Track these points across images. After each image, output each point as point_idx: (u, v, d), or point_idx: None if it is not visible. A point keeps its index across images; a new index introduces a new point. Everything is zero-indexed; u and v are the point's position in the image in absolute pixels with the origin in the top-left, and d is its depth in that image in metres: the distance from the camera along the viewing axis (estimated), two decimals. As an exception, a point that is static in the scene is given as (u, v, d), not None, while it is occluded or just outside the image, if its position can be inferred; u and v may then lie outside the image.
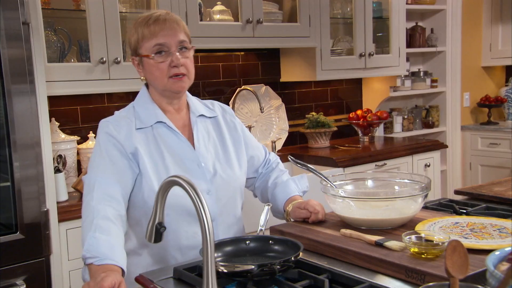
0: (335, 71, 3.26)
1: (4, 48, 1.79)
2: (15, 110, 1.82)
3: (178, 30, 1.44)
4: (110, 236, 1.26)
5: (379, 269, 1.22)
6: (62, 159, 2.26)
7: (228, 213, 1.53)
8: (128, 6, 2.61)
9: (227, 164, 1.54)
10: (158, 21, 1.43)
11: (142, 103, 1.51)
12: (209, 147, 1.53)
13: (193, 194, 0.96)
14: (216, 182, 1.49)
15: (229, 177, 1.52)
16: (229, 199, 1.53)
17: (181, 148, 1.48)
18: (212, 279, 0.93)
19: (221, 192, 1.50)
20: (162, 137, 1.47)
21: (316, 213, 1.53)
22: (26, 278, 1.86)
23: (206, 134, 1.54)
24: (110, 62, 2.38)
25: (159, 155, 1.45)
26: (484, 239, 1.27)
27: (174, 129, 1.48)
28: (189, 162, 1.47)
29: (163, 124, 1.48)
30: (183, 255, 1.46)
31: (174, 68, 1.43)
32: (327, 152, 3.16)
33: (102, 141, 1.45)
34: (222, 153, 1.55)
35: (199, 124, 1.54)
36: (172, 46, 1.43)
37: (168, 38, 1.42)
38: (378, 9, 3.55)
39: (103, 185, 1.36)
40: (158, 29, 1.42)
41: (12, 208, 1.85)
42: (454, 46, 4.15)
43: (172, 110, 1.52)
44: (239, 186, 1.57)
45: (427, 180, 1.52)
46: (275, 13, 3.02)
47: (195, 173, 1.46)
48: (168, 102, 1.51)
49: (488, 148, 4.21)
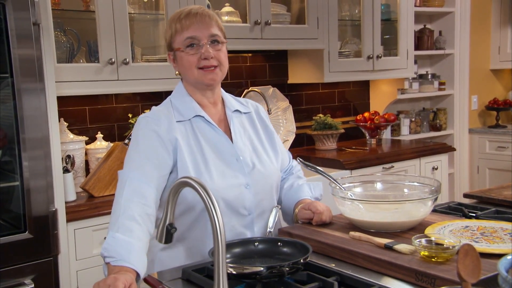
0: (343, 73, 3.25)
1: (15, 48, 1.80)
2: (25, 109, 1.83)
3: (210, 24, 1.46)
4: (131, 238, 1.24)
5: (388, 272, 1.22)
6: (71, 159, 2.27)
7: (265, 206, 1.53)
8: (137, 7, 2.62)
9: (264, 158, 1.55)
10: (189, 15, 1.45)
11: (179, 96, 1.52)
12: (245, 141, 1.54)
13: (205, 195, 0.96)
14: (254, 176, 1.49)
15: (266, 170, 1.53)
16: (266, 192, 1.53)
17: (220, 142, 1.48)
18: (224, 282, 0.92)
19: (259, 185, 1.50)
20: (201, 130, 1.48)
21: (319, 213, 1.52)
22: (34, 278, 1.87)
23: (242, 129, 1.55)
24: (118, 63, 2.38)
25: (198, 148, 1.45)
26: (495, 243, 1.26)
27: (212, 123, 1.49)
28: (228, 156, 1.47)
29: (201, 118, 1.49)
30: None
31: (205, 60, 1.44)
32: (334, 154, 3.15)
33: (141, 136, 1.42)
34: (259, 147, 1.56)
35: (235, 119, 1.55)
36: (203, 39, 1.44)
37: (198, 31, 1.44)
38: (387, 11, 3.54)
39: (135, 182, 1.34)
40: (189, 23, 1.44)
41: (21, 207, 1.86)
42: (463, 48, 4.13)
43: (208, 104, 1.52)
44: (275, 180, 1.57)
45: (437, 183, 1.51)
46: (283, 15, 3.02)
47: (234, 166, 1.47)
48: (202, 94, 1.51)
49: (496, 151, 4.19)
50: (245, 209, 1.47)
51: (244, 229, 1.48)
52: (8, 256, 1.82)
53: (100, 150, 2.47)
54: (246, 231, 1.48)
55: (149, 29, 2.78)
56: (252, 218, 1.49)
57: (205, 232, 1.44)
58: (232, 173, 1.45)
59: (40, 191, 1.87)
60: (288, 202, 1.64)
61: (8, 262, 1.82)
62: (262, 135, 1.60)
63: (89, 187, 2.25)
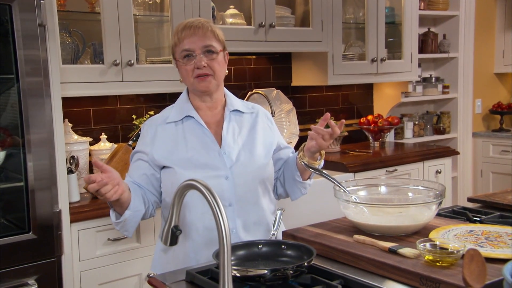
0: (347, 76, 3.25)
1: (21, 49, 1.81)
2: (30, 110, 1.84)
3: (204, 35, 1.56)
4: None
5: (392, 276, 1.21)
6: (75, 160, 2.28)
7: (247, 199, 1.58)
8: (141, 9, 2.62)
9: (251, 152, 1.61)
10: (185, 28, 1.57)
11: (180, 101, 1.67)
12: (238, 139, 1.62)
13: (210, 198, 0.96)
14: (235, 169, 1.56)
15: (251, 165, 1.59)
16: (248, 185, 1.58)
17: (204, 140, 1.59)
18: (229, 285, 0.92)
19: (240, 178, 1.56)
20: (190, 129, 1.60)
21: (317, 134, 1.53)
22: (38, 278, 1.87)
23: (237, 127, 1.64)
24: (123, 64, 2.39)
25: (183, 145, 1.57)
26: (500, 248, 1.26)
27: (201, 123, 1.60)
28: (210, 151, 1.57)
29: (192, 119, 1.61)
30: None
31: (198, 69, 1.56)
32: (337, 157, 3.15)
33: (137, 145, 1.63)
34: (250, 144, 1.63)
35: (232, 117, 1.65)
36: (196, 50, 1.56)
37: (192, 44, 1.55)
38: (391, 14, 3.54)
39: (127, 180, 1.57)
40: (184, 35, 1.56)
41: (25, 208, 1.86)
42: (467, 52, 4.12)
43: (205, 108, 1.64)
44: (261, 174, 1.61)
45: (442, 187, 1.51)
46: (287, 17, 3.02)
47: (216, 160, 1.56)
48: (200, 100, 1.64)
49: (500, 155, 4.18)
50: (224, 199, 1.53)
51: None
52: (12, 256, 1.82)
53: (104, 151, 2.48)
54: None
55: (154, 30, 2.78)
56: (233, 209, 1.55)
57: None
58: (213, 166, 1.55)
59: (44, 192, 1.88)
60: (290, 167, 1.67)
61: (12, 262, 1.82)
62: (258, 133, 1.66)
63: (93, 188, 2.25)
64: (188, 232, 1.55)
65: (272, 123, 1.74)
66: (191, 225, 1.55)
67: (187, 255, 1.54)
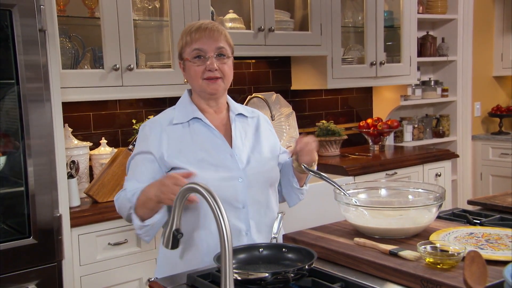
0: (346, 79, 3.26)
1: (21, 54, 1.82)
2: (30, 115, 1.84)
3: (218, 38, 1.56)
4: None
5: (393, 278, 1.22)
6: (75, 165, 2.28)
7: (259, 200, 1.58)
8: (141, 14, 2.63)
9: (260, 155, 1.61)
10: (199, 30, 1.55)
11: (182, 103, 1.64)
12: (245, 142, 1.62)
13: (212, 201, 0.96)
14: (248, 171, 1.55)
15: (262, 167, 1.59)
16: (260, 187, 1.58)
17: (215, 141, 1.56)
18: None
19: (253, 180, 1.55)
20: (197, 131, 1.57)
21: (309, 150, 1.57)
22: (38, 283, 1.87)
23: (243, 131, 1.64)
24: (123, 69, 2.39)
25: (191, 148, 1.54)
26: (500, 250, 1.26)
27: (209, 125, 1.58)
28: (222, 153, 1.55)
29: (199, 121, 1.58)
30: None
31: (209, 71, 1.55)
32: (337, 161, 3.15)
33: (136, 148, 1.58)
34: (258, 148, 1.63)
35: (237, 121, 1.64)
36: (209, 52, 1.54)
37: (206, 44, 1.54)
38: (390, 18, 3.55)
39: (135, 185, 1.50)
40: (198, 36, 1.55)
41: (26, 213, 1.86)
42: (465, 55, 4.13)
43: (211, 111, 1.62)
44: (271, 176, 1.62)
45: (442, 190, 1.51)
46: (286, 22, 3.03)
47: (228, 162, 1.54)
48: (206, 103, 1.62)
49: (499, 158, 4.18)
50: (238, 201, 1.52)
51: (238, 222, 1.52)
52: (12, 261, 1.82)
53: (104, 155, 2.48)
54: (241, 224, 1.52)
55: (154, 35, 2.79)
56: (247, 211, 1.53)
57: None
58: (226, 168, 1.52)
59: (44, 197, 1.88)
60: (286, 173, 1.69)
61: (13, 267, 1.82)
62: (262, 136, 1.67)
63: (93, 193, 2.25)
64: (204, 236, 1.51)
65: (272, 127, 1.75)
66: (204, 229, 1.52)
67: (201, 260, 1.50)
